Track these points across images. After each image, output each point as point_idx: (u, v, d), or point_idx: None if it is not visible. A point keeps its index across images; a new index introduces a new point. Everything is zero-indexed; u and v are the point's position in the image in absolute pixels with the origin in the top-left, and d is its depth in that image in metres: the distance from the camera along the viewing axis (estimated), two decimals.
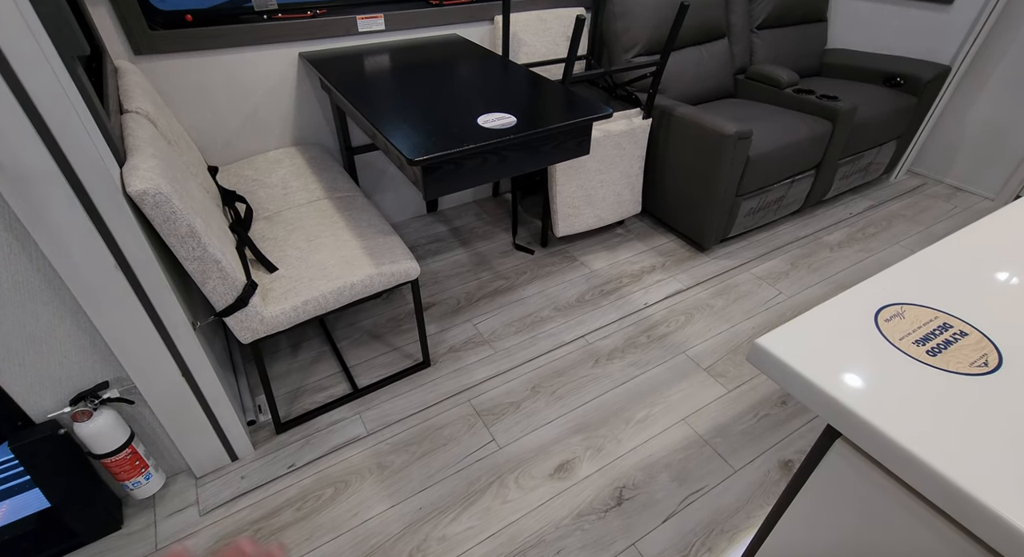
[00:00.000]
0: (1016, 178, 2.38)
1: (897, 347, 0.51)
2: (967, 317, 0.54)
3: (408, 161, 1.10)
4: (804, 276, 2.06)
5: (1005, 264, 0.65)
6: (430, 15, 1.89)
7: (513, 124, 1.27)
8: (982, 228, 0.73)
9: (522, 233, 2.30)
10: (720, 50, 2.32)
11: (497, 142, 1.20)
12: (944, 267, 0.64)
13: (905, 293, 0.58)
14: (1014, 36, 2.22)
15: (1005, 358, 0.49)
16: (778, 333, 0.53)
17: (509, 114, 1.31)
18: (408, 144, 1.14)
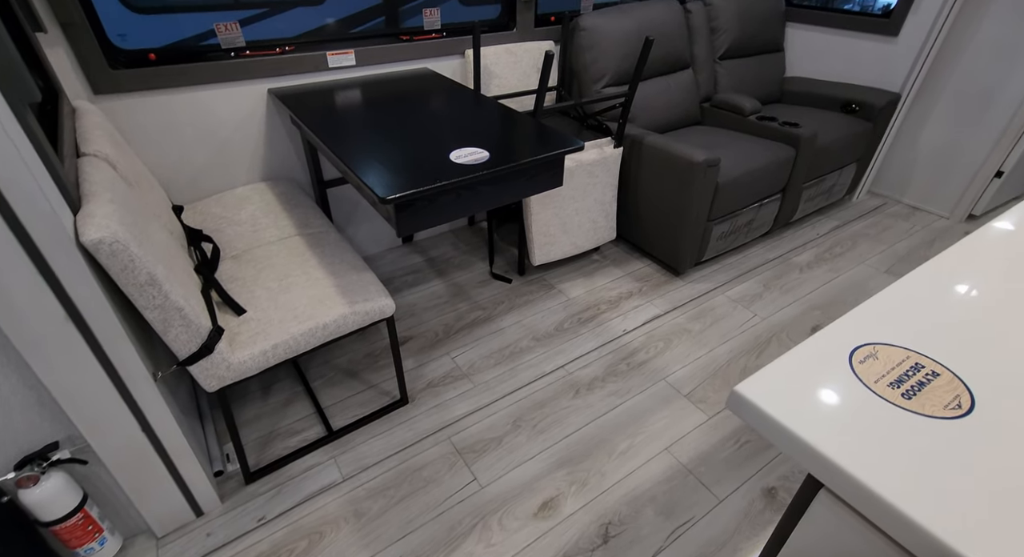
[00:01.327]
0: (968, 197, 2.50)
1: (874, 390, 0.51)
2: (937, 356, 0.55)
3: (380, 199, 1.08)
4: (777, 297, 2.09)
5: (968, 298, 0.66)
6: (401, 50, 1.91)
7: (486, 159, 1.27)
8: (944, 261, 0.75)
9: (499, 262, 2.29)
10: (685, 80, 2.40)
11: (470, 178, 1.19)
12: (912, 303, 0.65)
13: (877, 332, 0.59)
14: (956, 64, 2.35)
15: (976, 399, 0.50)
16: (756, 380, 0.52)
17: (481, 149, 1.32)
18: (380, 182, 1.13)
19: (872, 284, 2.16)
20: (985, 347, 0.57)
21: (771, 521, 1.31)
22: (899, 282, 0.70)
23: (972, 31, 2.27)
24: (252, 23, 1.65)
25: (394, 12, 1.96)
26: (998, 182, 2.42)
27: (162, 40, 1.50)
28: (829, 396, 0.50)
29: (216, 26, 1.53)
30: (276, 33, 1.69)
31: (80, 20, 1.31)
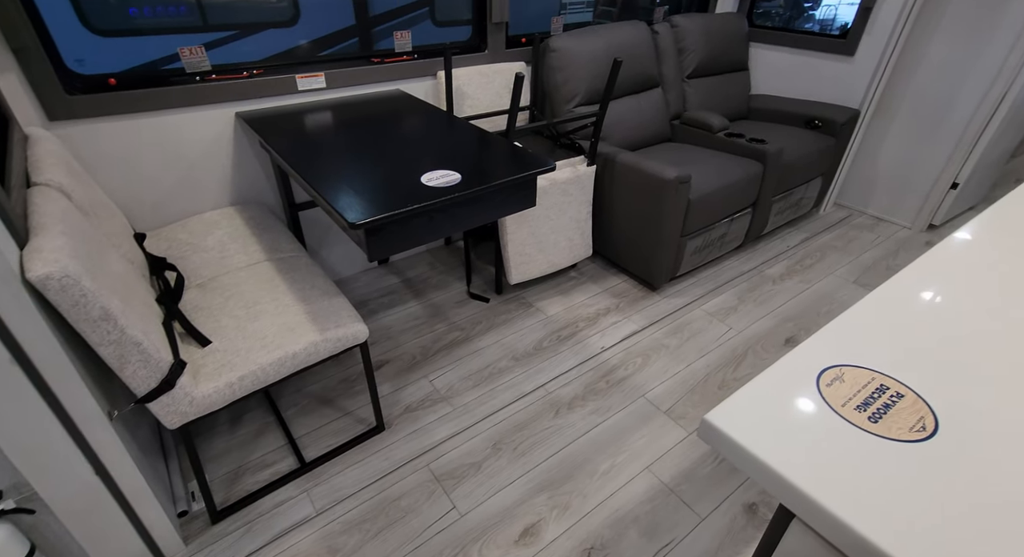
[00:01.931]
0: (927, 208, 2.59)
1: (841, 415, 0.50)
2: (901, 376, 0.55)
3: (350, 225, 1.06)
4: (752, 310, 2.12)
5: (929, 316, 0.67)
6: (372, 72, 1.90)
7: (457, 181, 1.26)
8: (906, 277, 0.77)
9: (476, 281, 2.28)
10: (655, 98, 2.45)
11: (442, 201, 1.18)
12: (875, 322, 0.66)
13: (843, 353, 0.59)
14: (910, 81, 2.46)
15: (940, 420, 0.50)
16: (726, 407, 0.52)
17: (453, 171, 1.31)
18: (349, 207, 1.11)
19: (841, 295, 2.21)
20: (946, 365, 0.58)
21: (753, 538, 1.30)
22: (863, 301, 0.71)
23: (923, 51, 2.38)
24: (222, 45, 1.63)
25: (367, 33, 1.96)
26: (954, 193, 2.52)
27: (123, 65, 1.46)
28: (798, 422, 0.50)
29: (180, 50, 1.50)
30: (246, 56, 1.67)
31: (34, 45, 1.28)
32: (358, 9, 1.90)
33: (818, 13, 2.83)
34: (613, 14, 2.72)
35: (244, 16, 1.64)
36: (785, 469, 0.45)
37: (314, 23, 1.81)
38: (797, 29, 2.68)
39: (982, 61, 2.24)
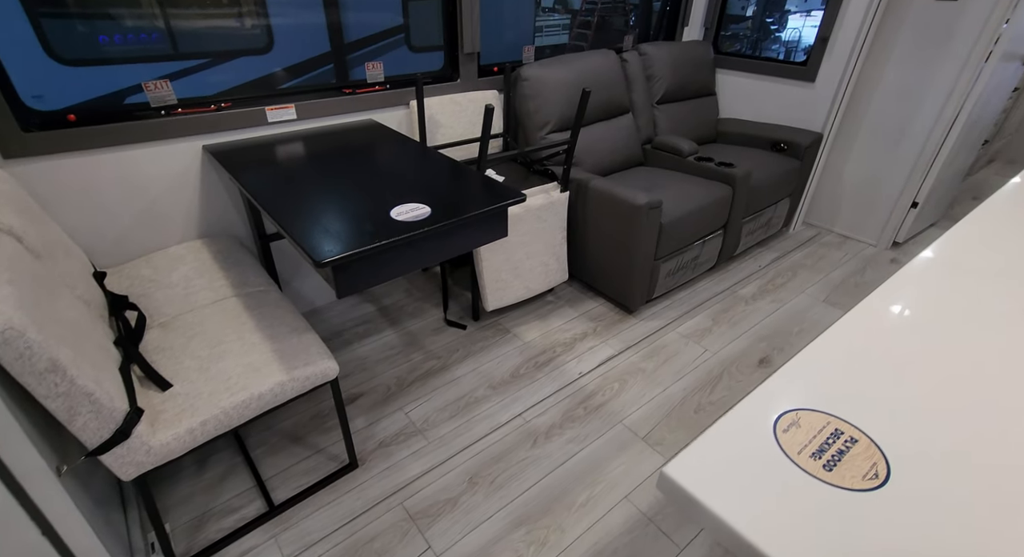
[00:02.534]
0: (890, 226, 2.68)
1: (796, 463, 0.51)
2: (856, 419, 0.56)
3: (316, 263, 1.05)
4: (726, 331, 2.15)
5: (884, 355, 0.68)
6: (344, 103, 1.91)
7: (427, 215, 1.26)
8: (865, 310, 0.78)
9: (453, 307, 2.26)
10: (626, 124, 2.50)
11: (411, 235, 1.18)
12: (834, 360, 0.66)
13: (800, 396, 0.59)
14: (869, 105, 2.56)
15: (892, 466, 0.50)
16: (684, 459, 0.51)
17: (423, 204, 1.31)
18: (316, 243, 1.09)
19: (812, 313, 2.25)
20: (901, 406, 0.59)
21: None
22: (823, 336, 0.72)
23: (879, 77, 2.49)
24: (195, 73, 1.62)
25: (342, 60, 1.97)
26: (915, 212, 2.61)
27: (83, 99, 1.44)
28: (754, 473, 0.50)
29: (145, 85, 1.48)
30: (219, 85, 1.66)
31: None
32: (333, 35, 1.92)
33: (784, 36, 2.95)
34: (588, 36, 2.79)
35: (217, 44, 1.64)
36: (741, 525, 0.44)
37: (289, 50, 1.81)
38: (759, 56, 2.78)
39: (933, 86, 2.35)
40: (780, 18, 3.02)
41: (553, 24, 2.66)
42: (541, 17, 2.58)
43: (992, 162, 3.88)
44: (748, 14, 2.93)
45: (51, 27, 1.37)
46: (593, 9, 2.75)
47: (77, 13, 1.39)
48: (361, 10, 1.93)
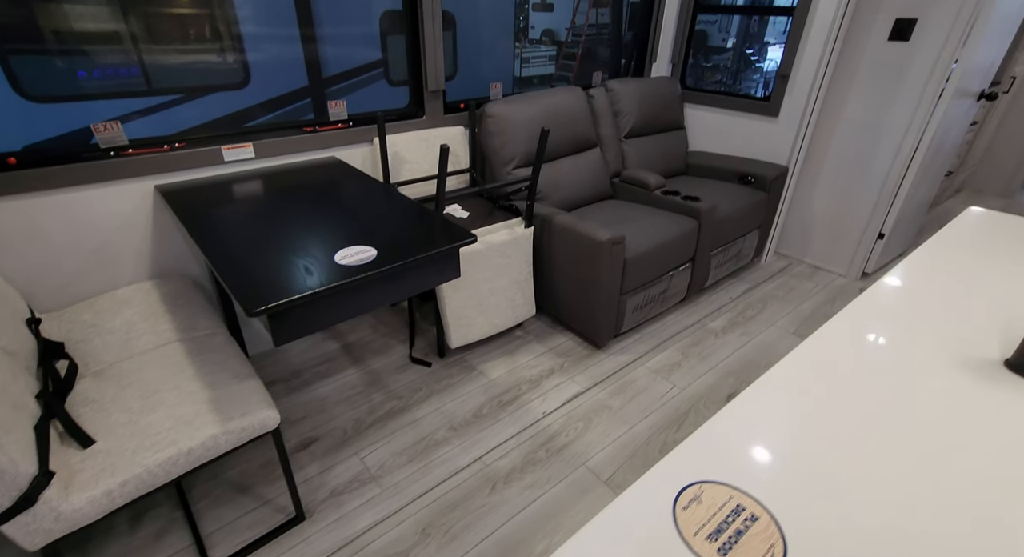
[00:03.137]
0: (859, 257, 2.70)
1: (691, 548, 0.48)
2: (760, 493, 0.53)
3: (246, 311, 1.02)
4: (695, 365, 2.12)
5: (799, 420, 0.66)
6: (305, 141, 1.91)
7: (372, 258, 1.24)
8: (773, 380, 0.76)
9: (420, 344, 2.22)
10: (594, 158, 2.53)
11: (352, 281, 1.15)
12: (747, 426, 0.64)
13: (707, 466, 0.57)
14: (831, 140, 2.62)
15: (788, 548, 0.48)
16: (579, 540, 0.48)
17: (370, 246, 1.29)
18: (249, 291, 1.06)
19: (781, 346, 2.24)
20: (807, 478, 0.56)
21: None
22: (739, 398, 0.70)
23: (839, 112, 2.55)
24: (165, 109, 1.63)
25: (320, 94, 1.99)
26: (882, 243, 2.64)
27: (24, 142, 1.42)
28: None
29: (94, 127, 1.47)
30: (192, 121, 1.68)
31: None
32: (311, 69, 1.94)
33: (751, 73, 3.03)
34: (573, 67, 2.87)
35: (192, 79, 1.65)
36: None
37: (266, 85, 1.83)
38: (724, 92, 2.84)
39: (891, 122, 2.41)
40: (760, 50, 3.11)
41: (540, 55, 2.73)
42: (528, 48, 2.65)
43: (960, 192, 3.96)
44: (728, 45, 3.02)
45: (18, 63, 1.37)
46: (578, 41, 2.83)
47: (45, 49, 1.39)
48: (340, 45, 1.97)
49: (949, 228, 1.33)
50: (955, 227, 1.33)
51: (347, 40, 1.98)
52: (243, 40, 1.72)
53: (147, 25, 1.52)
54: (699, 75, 3.07)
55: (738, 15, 3.03)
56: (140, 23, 1.51)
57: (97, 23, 1.44)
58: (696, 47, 3.03)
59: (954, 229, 1.32)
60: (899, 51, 2.29)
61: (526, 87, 2.75)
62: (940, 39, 2.17)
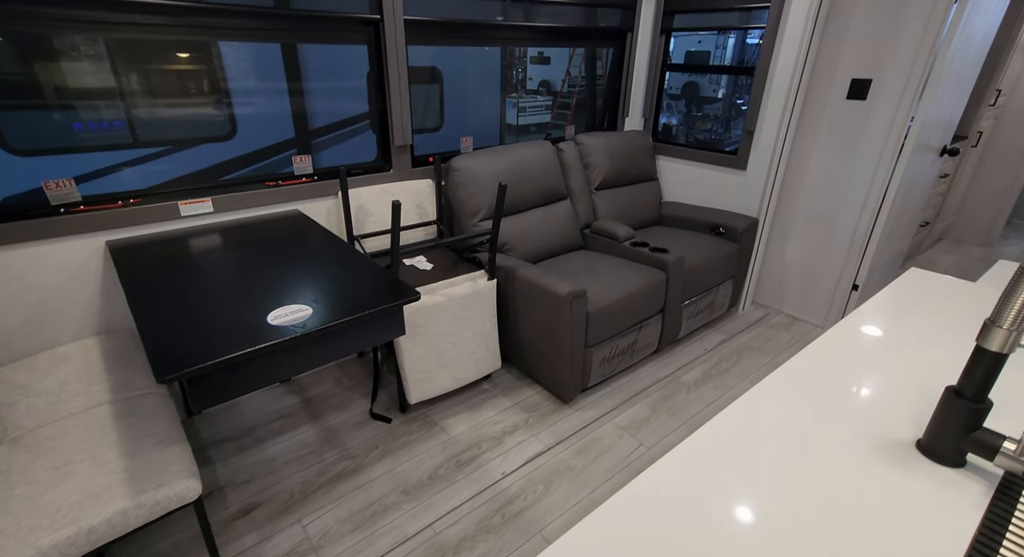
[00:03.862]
0: (835, 308, 2.67)
1: None
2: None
3: (156, 378, 0.98)
4: (664, 422, 2.05)
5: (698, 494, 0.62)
6: (267, 194, 1.92)
7: (306, 318, 1.21)
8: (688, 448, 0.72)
9: (383, 397, 2.16)
10: (564, 210, 2.54)
11: (279, 342, 1.12)
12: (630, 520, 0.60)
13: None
14: (799, 193, 2.64)
15: None
16: None
17: (306, 305, 1.26)
18: (164, 355, 1.03)
19: None
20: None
21: None
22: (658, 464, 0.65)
23: (805, 166, 2.59)
24: (150, 161, 1.67)
25: (307, 145, 2.05)
26: (856, 294, 2.61)
27: None
28: None
29: (45, 184, 1.48)
30: (174, 173, 1.73)
31: None
32: (298, 121, 2.00)
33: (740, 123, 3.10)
34: (568, 116, 2.96)
35: (179, 131, 1.72)
36: None
37: (253, 136, 1.89)
38: (694, 145, 2.90)
39: (855, 177, 2.44)
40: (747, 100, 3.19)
41: (537, 105, 2.83)
42: (525, 98, 2.76)
43: (941, 240, 3.98)
44: (719, 96, 3.13)
45: None
46: (573, 91, 2.94)
47: (29, 103, 1.44)
48: (328, 98, 2.04)
49: (888, 290, 1.31)
50: (895, 289, 1.31)
51: (334, 94, 2.05)
52: (231, 93, 1.80)
53: (133, 80, 1.59)
54: (691, 124, 3.15)
55: (710, 73, 3.14)
56: (124, 78, 1.57)
57: (88, 79, 1.51)
58: (688, 97, 3.13)
59: (893, 292, 1.30)
60: (858, 109, 2.35)
61: (524, 134, 2.86)
62: (895, 98, 2.23)
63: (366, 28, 2.00)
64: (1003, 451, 0.61)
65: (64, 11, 1.42)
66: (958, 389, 0.65)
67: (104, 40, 1.51)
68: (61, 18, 1.42)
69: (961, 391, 0.64)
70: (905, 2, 2.12)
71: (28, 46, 1.41)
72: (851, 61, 2.32)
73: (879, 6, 2.18)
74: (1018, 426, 0.77)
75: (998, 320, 0.59)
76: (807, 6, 2.24)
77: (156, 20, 1.57)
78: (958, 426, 0.65)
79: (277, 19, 1.80)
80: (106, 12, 1.48)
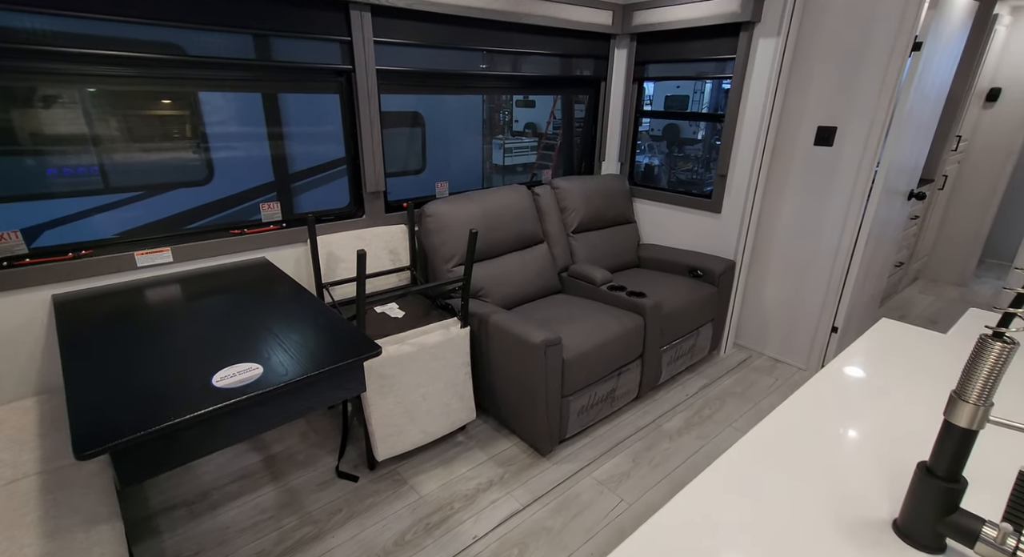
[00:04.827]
0: (816, 350, 2.64)
1: None
2: None
3: (75, 455, 0.89)
4: (646, 475, 1.96)
5: None
6: (232, 243, 1.87)
7: (255, 379, 1.14)
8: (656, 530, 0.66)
9: (351, 454, 2.05)
10: (540, 254, 2.52)
11: (219, 407, 1.04)
12: None
13: None
14: (774, 236, 2.66)
15: None
16: None
17: (257, 363, 1.19)
18: (88, 425, 0.95)
19: None
20: None
21: None
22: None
23: (779, 210, 2.62)
24: (121, 207, 1.62)
25: (287, 189, 2.02)
26: (836, 336, 2.59)
27: None
28: None
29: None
30: (150, 218, 1.69)
31: None
32: (277, 165, 1.98)
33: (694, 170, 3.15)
34: (552, 156, 2.99)
35: (153, 176, 1.69)
36: None
37: (231, 180, 1.88)
38: (670, 189, 2.93)
39: (828, 220, 2.46)
40: None
41: (523, 146, 2.87)
42: (511, 140, 2.79)
43: (917, 280, 4.03)
44: (699, 137, 3.20)
45: None
46: (557, 133, 2.98)
47: None
48: (305, 142, 2.03)
49: (861, 343, 1.27)
50: (868, 341, 1.28)
51: (311, 139, 2.05)
52: (208, 138, 1.79)
53: (109, 125, 1.57)
54: (672, 164, 3.20)
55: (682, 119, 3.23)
56: (99, 123, 1.55)
57: (60, 125, 1.49)
58: (670, 139, 3.19)
59: (866, 344, 1.26)
60: (825, 155, 2.40)
61: (510, 174, 2.89)
62: (860, 144, 2.29)
63: (338, 78, 2.01)
64: (983, 537, 0.56)
65: (42, 65, 1.40)
66: (930, 466, 0.60)
67: (80, 89, 1.49)
68: (36, 71, 1.40)
69: (933, 469, 0.59)
70: (862, 55, 2.20)
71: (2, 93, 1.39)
72: (816, 109, 2.39)
73: (838, 59, 2.27)
74: (998, 503, 0.72)
75: (963, 393, 0.55)
76: (771, 58, 2.32)
77: (132, 73, 1.57)
78: (933, 508, 0.59)
79: (251, 70, 1.81)
80: (85, 65, 1.47)
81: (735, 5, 2.31)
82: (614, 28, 2.77)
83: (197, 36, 1.63)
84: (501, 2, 2.26)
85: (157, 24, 1.53)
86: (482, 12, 2.21)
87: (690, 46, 2.61)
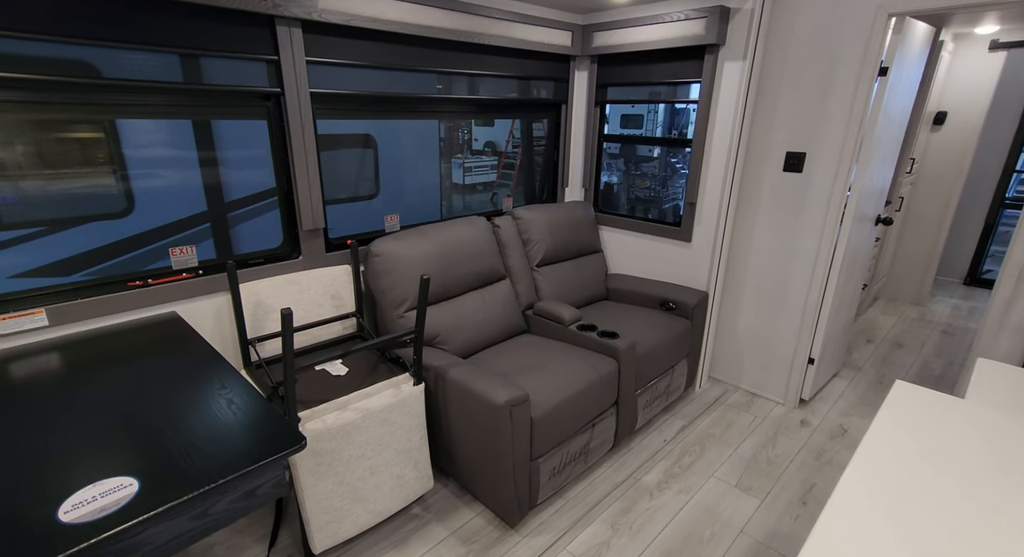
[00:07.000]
0: (793, 382, 2.52)
1: None
2: None
3: None
4: (627, 545, 1.74)
5: None
6: (131, 298, 1.56)
7: (124, 503, 0.85)
8: None
9: (285, 540, 1.73)
10: (503, 291, 2.30)
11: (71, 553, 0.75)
12: None
13: None
14: (747, 266, 2.54)
15: None
16: None
17: (131, 479, 0.90)
18: None
19: (724, 508, 1.90)
20: None
21: None
22: None
23: (750, 239, 2.51)
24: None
25: (223, 216, 1.72)
26: (813, 367, 2.48)
27: None
28: None
29: None
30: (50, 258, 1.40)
31: None
32: (210, 193, 1.69)
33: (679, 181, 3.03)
34: (512, 175, 2.78)
35: (57, 209, 1.41)
36: None
37: (156, 212, 1.60)
38: (638, 216, 2.79)
39: (800, 249, 2.36)
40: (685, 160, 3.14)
41: (482, 165, 2.67)
42: (471, 158, 2.59)
43: (877, 300, 4.04)
44: (654, 154, 3.07)
45: None
46: (517, 152, 2.79)
47: None
48: (238, 168, 1.75)
49: (884, 417, 1.10)
50: (889, 416, 1.11)
51: (242, 162, 1.76)
52: (126, 163, 1.50)
53: None
54: (630, 182, 3.06)
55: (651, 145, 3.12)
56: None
57: None
58: (626, 157, 3.05)
59: (889, 418, 1.10)
60: (796, 181, 2.31)
61: (470, 192, 2.67)
62: (831, 170, 2.20)
63: (265, 102, 1.75)
64: None
65: None
66: None
67: None
68: None
69: None
70: (830, 79, 2.12)
71: None
72: (784, 135, 2.30)
73: (805, 82, 2.19)
74: None
75: None
76: (737, 81, 2.21)
77: (39, 98, 1.28)
78: None
79: (166, 94, 1.52)
80: None
81: (699, 28, 2.20)
82: (574, 49, 2.63)
83: (99, 54, 1.35)
84: (452, 20, 2.07)
85: (51, 40, 1.24)
86: (432, 31, 2.01)
87: (653, 69, 2.49)
